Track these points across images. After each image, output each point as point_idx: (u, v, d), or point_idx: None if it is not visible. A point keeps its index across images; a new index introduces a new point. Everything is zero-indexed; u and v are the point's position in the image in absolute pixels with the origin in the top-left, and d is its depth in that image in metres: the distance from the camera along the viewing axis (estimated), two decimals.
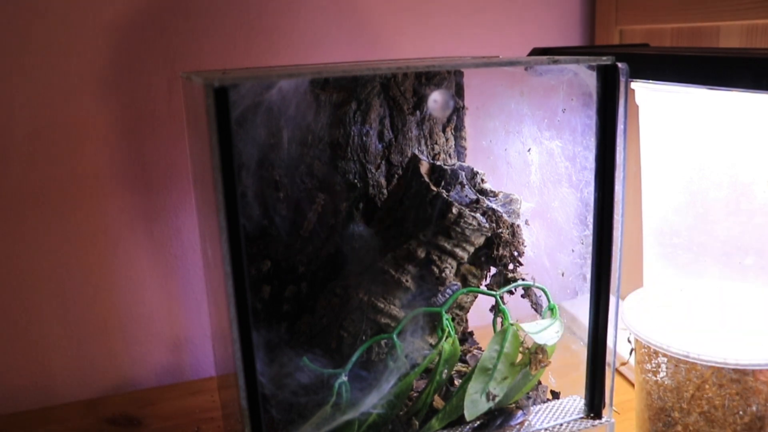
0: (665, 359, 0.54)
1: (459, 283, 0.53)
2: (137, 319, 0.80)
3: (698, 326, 0.57)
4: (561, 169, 0.56)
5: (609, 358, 0.54)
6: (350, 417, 0.49)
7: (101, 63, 0.72)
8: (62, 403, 0.78)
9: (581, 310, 0.55)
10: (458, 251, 0.52)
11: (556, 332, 0.54)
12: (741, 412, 0.51)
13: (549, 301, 0.55)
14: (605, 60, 0.48)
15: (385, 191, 0.58)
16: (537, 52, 0.69)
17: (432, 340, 0.53)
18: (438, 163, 0.55)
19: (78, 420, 0.73)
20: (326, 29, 0.79)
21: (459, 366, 0.58)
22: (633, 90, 0.61)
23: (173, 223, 0.79)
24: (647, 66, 0.56)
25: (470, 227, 0.52)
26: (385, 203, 0.57)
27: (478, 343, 0.63)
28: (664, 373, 0.54)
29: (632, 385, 0.68)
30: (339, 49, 0.80)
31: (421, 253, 0.51)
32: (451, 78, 0.60)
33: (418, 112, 0.58)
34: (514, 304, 0.55)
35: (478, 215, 0.52)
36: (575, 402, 0.56)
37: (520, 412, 0.54)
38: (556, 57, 0.48)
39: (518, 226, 0.54)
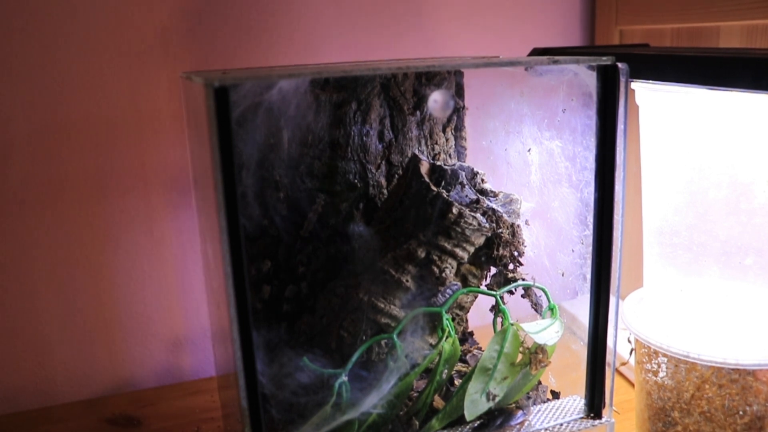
0: (665, 359, 0.54)
1: (459, 283, 0.53)
2: (137, 319, 0.80)
3: (698, 326, 0.57)
4: (561, 169, 0.56)
5: (609, 358, 0.54)
6: (350, 417, 0.49)
7: (101, 62, 0.72)
8: (62, 403, 0.78)
9: (581, 310, 0.55)
10: (458, 251, 0.52)
11: (556, 332, 0.54)
12: (741, 412, 0.51)
13: (549, 301, 0.55)
14: (605, 60, 0.48)
15: (385, 191, 0.58)
16: (537, 52, 0.69)
17: (432, 340, 0.53)
18: (438, 163, 0.55)
19: (78, 420, 0.73)
20: (326, 29, 0.79)
21: (459, 366, 0.58)
22: (633, 90, 0.61)
23: (173, 223, 0.79)
24: (647, 66, 0.56)
25: (470, 227, 0.52)
26: (385, 203, 0.57)
27: (478, 343, 0.63)
28: (664, 373, 0.54)
29: (632, 385, 0.69)
30: (339, 49, 0.80)
31: (421, 253, 0.51)
32: (451, 78, 0.60)
33: (418, 113, 0.58)
34: (514, 304, 0.55)
35: (478, 215, 0.52)
36: (575, 402, 0.56)
37: (520, 412, 0.54)
38: (556, 57, 0.48)
39: (518, 226, 0.54)
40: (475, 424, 0.53)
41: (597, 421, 0.55)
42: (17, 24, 0.69)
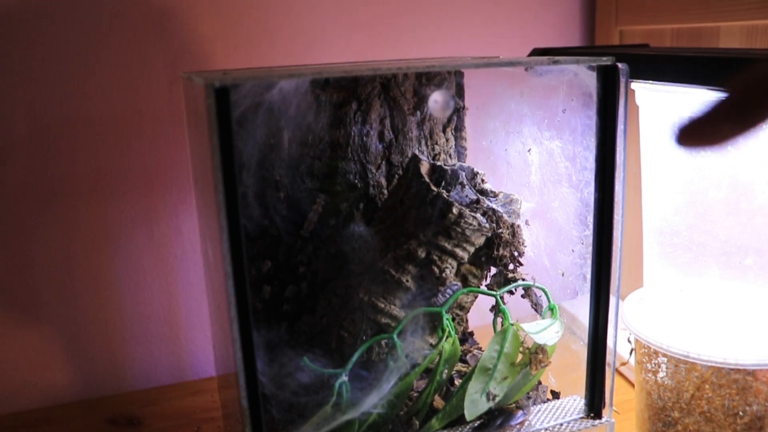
0: (665, 359, 0.54)
1: (459, 283, 0.53)
2: (137, 319, 0.80)
3: (698, 326, 0.57)
4: (561, 170, 0.56)
5: (609, 358, 0.54)
6: (350, 417, 0.49)
7: (101, 63, 0.72)
8: (62, 403, 0.78)
9: (581, 310, 0.55)
10: (458, 251, 0.52)
11: (556, 332, 0.54)
12: (741, 412, 0.51)
13: (549, 301, 0.55)
14: (605, 60, 0.48)
15: (385, 191, 0.58)
16: (537, 52, 0.69)
17: (432, 340, 0.53)
18: (438, 163, 0.55)
19: (78, 420, 0.73)
20: (326, 29, 0.79)
21: (459, 366, 0.58)
22: (633, 90, 0.61)
23: (173, 223, 0.79)
24: (647, 66, 0.56)
25: (470, 227, 0.52)
26: (385, 203, 0.57)
27: (478, 343, 0.63)
28: (664, 373, 0.54)
29: (632, 385, 0.69)
30: (339, 49, 0.80)
31: (422, 253, 0.51)
32: (451, 78, 0.60)
33: (418, 113, 0.58)
34: (514, 304, 0.55)
35: (478, 215, 0.52)
36: (575, 402, 0.56)
37: (520, 412, 0.54)
38: (556, 57, 0.48)
39: (518, 226, 0.54)
40: (475, 424, 0.53)
41: (597, 421, 0.55)
42: (16, 25, 0.69)
